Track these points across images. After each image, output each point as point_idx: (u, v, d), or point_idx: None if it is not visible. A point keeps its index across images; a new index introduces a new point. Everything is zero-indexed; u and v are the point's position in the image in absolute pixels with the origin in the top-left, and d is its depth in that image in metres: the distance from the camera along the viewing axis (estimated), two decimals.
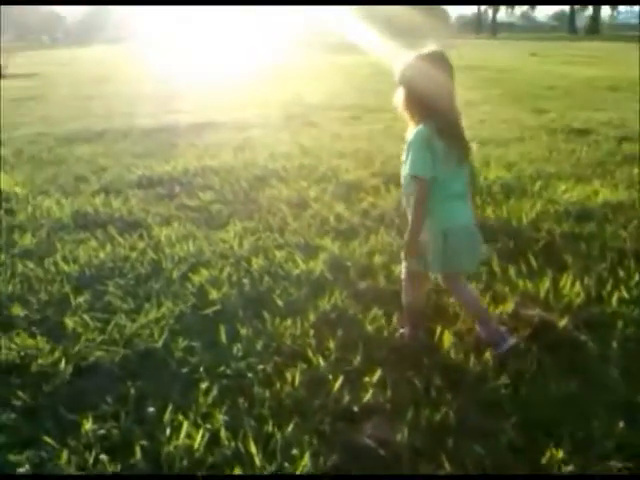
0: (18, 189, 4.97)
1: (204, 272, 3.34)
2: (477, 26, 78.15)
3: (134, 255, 3.60)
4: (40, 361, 2.56)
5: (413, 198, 2.51)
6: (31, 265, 3.49)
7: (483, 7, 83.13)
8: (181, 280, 3.29)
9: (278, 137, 7.34)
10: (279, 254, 3.61)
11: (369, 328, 2.82)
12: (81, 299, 3.09)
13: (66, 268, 3.44)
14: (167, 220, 4.28)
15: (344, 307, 3.01)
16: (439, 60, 2.47)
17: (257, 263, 3.47)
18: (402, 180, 2.61)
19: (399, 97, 2.53)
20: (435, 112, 2.45)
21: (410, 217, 2.54)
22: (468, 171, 2.64)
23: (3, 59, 21.54)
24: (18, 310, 2.99)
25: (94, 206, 4.53)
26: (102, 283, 3.26)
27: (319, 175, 5.38)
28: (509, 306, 2.97)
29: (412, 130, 2.51)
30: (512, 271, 3.33)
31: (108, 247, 3.71)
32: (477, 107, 10.12)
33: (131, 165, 5.91)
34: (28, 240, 3.88)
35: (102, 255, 3.60)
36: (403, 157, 2.54)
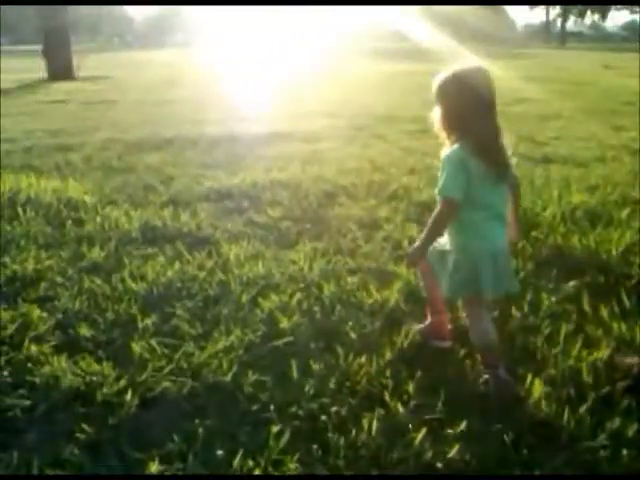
0: (87, 198, 4.97)
1: (274, 297, 3.20)
2: (545, 35, 76.70)
3: (202, 275, 3.49)
4: (105, 390, 2.46)
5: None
6: (98, 281, 3.42)
7: (552, 16, 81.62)
8: (250, 305, 3.16)
9: (346, 150, 7.20)
10: (351, 280, 3.45)
11: (450, 370, 2.62)
12: (148, 321, 2.99)
13: (134, 286, 3.36)
14: (235, 237, 4.18)
15: (422, 344, 2.82)
16: (478, 76, 2.38)
17: (328, 289, 3.31)
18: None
19: (435, 115, 2.44)
20: (472, 130, 2.35)
21: (428, 229, 2.44)
22: (507, 188, 2.52)
23: (76, 61, 22.08)
24: (85, 330, 2.91)
25: (162, 219, 4.46)
26: (170, 304, 3.16)
27: (390, 193, 5.20)
28: (604, 352, 2.71)
29: (447, 149, 2.41)
30: (604, 311, 3.07)
31: (176, 265, 3.62)
32: (551, 122, 9.77)
33: (199, 176, 5.86)
34: (96, 254, 3.83)
35: (170, 273, 3.51)
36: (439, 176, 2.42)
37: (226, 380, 2.53)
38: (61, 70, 20.19)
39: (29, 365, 2.62)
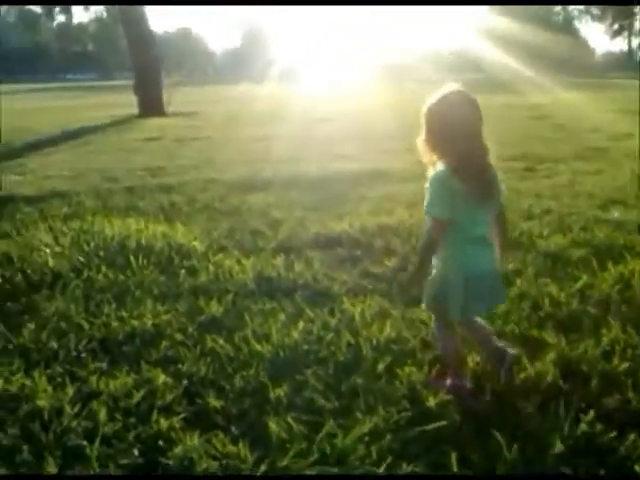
0: (197, 243, 4.84)
1: (412, 368, 2.91)
2: (627, 63, 74.26)
3: (329, 337, 3.24)
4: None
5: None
6: (221, 341, 3.22)
7: (634, 43, 79.36)
8: (387, 376, 2.87)
9: None
10: None
11: (637, 469, 2.24)
12: (280, 391, 2.75)
13: (259, 347, 3.14)
14: (354, 291, 3.92)
15: (592, 431, 2.45)
16: (460, 99, 2.49)
17: (471, 359, 2.98)
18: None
19: (420, 137, 2.54)
20: (454, 152, 2.45)
21: (419, 253, 2.63)
22: (493, 212, 2.62)
23: (166, 96, 22.63)
24: (214, 400, 2.70)
25: (276, 269, 4.27)
26: (299, 371, 2.92)
27: (512, 241, 4.82)
28: None
29: (431, 170, 2.52)
30: None
31: (300, 323, 3.39)
32: None
33: (304, 219, 5.67)
34: (214, 308, 3.65)
35: (295, 334, 3.27)
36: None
37: (378, 472, 2.24)
38: (152, 106, 20.77)
39: (160, 443, 2.42)
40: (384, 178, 7.80)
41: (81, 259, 4.44)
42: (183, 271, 4.27)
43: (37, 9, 34.80)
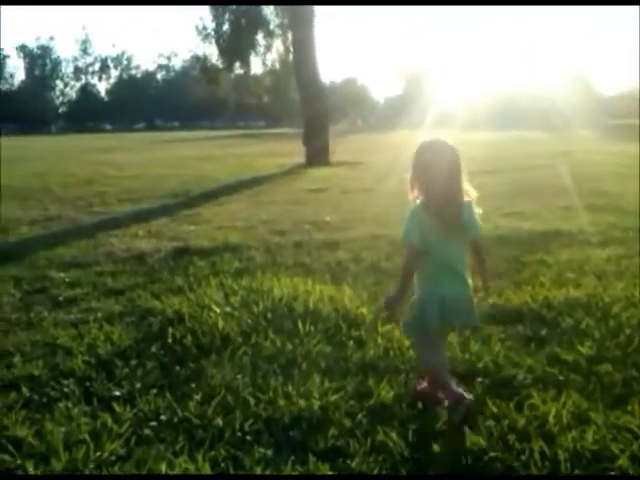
0: (364, 310, 4.60)
1: None
2: None
3: (519, 444, 2.80)
4: None
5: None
6: (393, 435, 2.90)
7: None
8: None
9: None
10: None
11: None
12: None
13: (435, 448, 2.78)
14: (543, 382, 3.44)
15: None
16: (439, 146, 3.00)
17: None
18: None
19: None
20: (425, 190, 2.95)
21: (399, 277, 3.06)
22: (464, 243, 3.07)
23: (331, 145, 23.02)
24: None
25: (451, 347, 3.89)
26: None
27: None
28: None
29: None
30: None
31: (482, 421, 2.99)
32: None
33: None
34: (385, 392, 3.33)
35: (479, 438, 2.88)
36: None
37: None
38: (319, 155, 21.22)
39: None
40: (565, 240, 7.13)
41: (250, 322, 4.35)
42: (351, 342, 4.04)
43: (218, 64, 37.41)
